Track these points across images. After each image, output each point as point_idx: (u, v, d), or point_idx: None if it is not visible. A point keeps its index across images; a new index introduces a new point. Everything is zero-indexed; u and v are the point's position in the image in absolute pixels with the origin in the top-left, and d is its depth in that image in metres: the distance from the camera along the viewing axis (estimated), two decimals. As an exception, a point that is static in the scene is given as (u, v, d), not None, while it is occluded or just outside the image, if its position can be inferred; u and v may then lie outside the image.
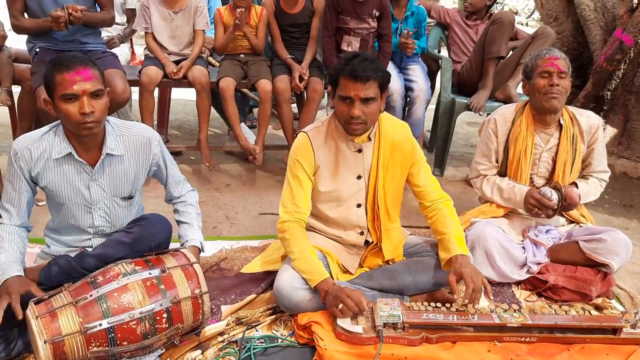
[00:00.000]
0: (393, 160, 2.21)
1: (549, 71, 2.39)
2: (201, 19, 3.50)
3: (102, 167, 2.01)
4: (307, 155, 2.16)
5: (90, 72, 1.85)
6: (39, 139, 1.97)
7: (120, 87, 3.07)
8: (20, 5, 3.06)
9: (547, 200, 2.39)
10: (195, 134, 4.13)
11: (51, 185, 2.00)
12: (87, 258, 1.99)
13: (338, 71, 2.04)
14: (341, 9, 3.37)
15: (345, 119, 2.06)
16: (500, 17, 3.56)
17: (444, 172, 3.85)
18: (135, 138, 2.07)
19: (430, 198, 2.26)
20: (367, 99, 2.02)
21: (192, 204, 2.28)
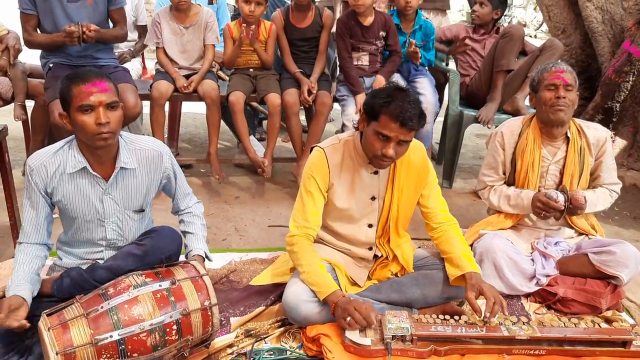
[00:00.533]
0: (408, 182, 2.22)
1: (555, 84, 2.40)
2: (211, 34, 3.55)
3: (115, 180, 2.05)
4: (322, 172, 2.16)
5: (106, 85, 1.91)
6: (53, 155, 2.00)
7: (132, 102, 3.12)
8: (33, 21, 3.13)
9: (553, 202, 2.38)
10: (205, 146, 4.17)
11: (65, 199, 2.03)
12: (98, 270, 2.02)
13: (382, 107, 1.97)
14: (350, 34, 3.44)
15: (375, 154, 2.03)
16: (511, 30, 3.58)
17: (452, 185, 3.86)
18: (147, 152, 2.10)
19: (437, 220, 2.26)
20: (404, 141, 2.01)
21: (197, 214, 2.30)
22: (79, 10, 3.11)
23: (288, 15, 3.57)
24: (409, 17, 3.57)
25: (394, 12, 3.60)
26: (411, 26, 3.59)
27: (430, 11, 4.13)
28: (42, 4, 3.07)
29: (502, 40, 3.57)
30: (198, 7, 3.57)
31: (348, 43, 3.47)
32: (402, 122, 1.94)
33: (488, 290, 2.05)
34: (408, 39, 3.58)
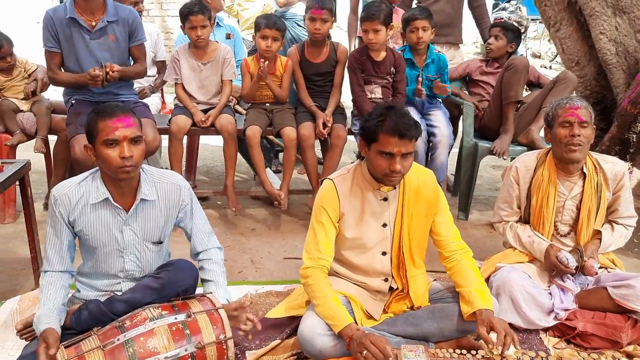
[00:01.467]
0: (418, 208, 2.23)
1: (570, 121, 2.39)
2: (228, 70, 3.63)
3: (135, 212, 2.09)
4: (332, 202, 2.19)
5: (131, 120, 1.98)
6: (77, 185, 2.06)
7: (151, 136, 3.19)
8: (57, 59, 3.23)
9: (563, 267, 2.39)
10: (222, 179, 4.22)
11: (86, 229, 2.07)
12: (116, 303, 2.04)
13: (377, 127, 2.04)
14: (363, 69, 3.51)
15: (384, 173, 2.08)
16: (514, 62, 3.60)
17: (468, 216, 3.84)
18: (166, 185, 2.15)
19: (450, 248, 2.26)
20: (408, 154, 2.05)
21: (217, 262, 2.29)
22: (101, 47, 3.21)
23: (303, 51, 3.64)
24: (421, 51, 3.62)
25: (406, 47, 3.66)
26: (423, 60, 3.63)
27: (443, 45, 4.18)
28: (65, 42, 3.18)
29: (507, 72, 3.59)
30: (215, 43, 3.67)
31: (360, 77, 3.52)
32: (400, 135, 2.00)
33: (498, 323, 2.03)
34: (421, 72, 3.62)
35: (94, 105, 3.24)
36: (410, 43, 3.60)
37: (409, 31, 3.55)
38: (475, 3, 4.39)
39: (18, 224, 3.54)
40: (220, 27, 4.21)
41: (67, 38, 3.16)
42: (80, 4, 3.14)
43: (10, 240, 3.35)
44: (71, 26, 3.14)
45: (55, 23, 3.14)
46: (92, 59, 3.18)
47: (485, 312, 2.07)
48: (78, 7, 3.14)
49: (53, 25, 3.15)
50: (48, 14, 3.18)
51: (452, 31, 4.28)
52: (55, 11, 3.18)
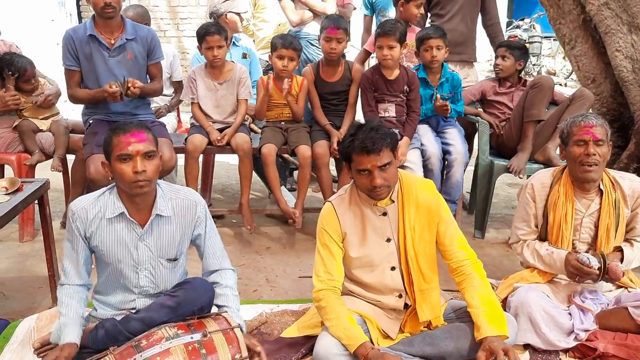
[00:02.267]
0: (419, 219, 2.22)
1: (585, 140, 2.37)
2: (244, 89, 3.67)
3: (150, 227, 2.11)
4: (332, 223, 2.21)
5: (144, 135, 2.01)
6: (95, 200, 2.09)
7: (167, 155, 3.22)
8: (77, 77, 3.30)
9: (586, 268, 2.33)
10: (237, 197, 4.23)
11: (102, 244, 2.10)
12: (132, 322, 2.05)
13: (349, 149, 2.11)
14: (375, 88, 3.53)
15: (368, 189, 2.12)
16: (541, 81, 3.60)
17: (485, 235, 3.81)
18: (182, 201, 2.17)
19: (456, 258, 2.23)
20: (384, 165, 2.07)
21: (229, 285, 2.28)
22: (120, 64, 3.27)
23: (318, 70, 3.67)
24: (435, 70, 3.63)
25: (420, 66, 3.67)
26: (438, 79, 3.64)
27: (457, 63, 4.19)
28: (84, 60, 3.24)
29: (532, 90, 3.59)
30: (232, 63, 3.71)
31: (371, 97, 3.54)
32: (368, 151, 2.04)
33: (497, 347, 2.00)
34: (435, 91, 3.63)
35: (111, 125, 3.30)
36: (424, 62, 3.61)
37: (423, 50, 3.57)
38: (489, 21, 4.39)
39: (36, 242, 3.58)
40: (236, 47, 4.27)
41: (86, 56, 3.23)
42: (99, 22, 3.21)
43: (28, 258, 3.38)
44: (90, 44, 3.20)
45: (75, 42, 3.21)
46: (111, 76, 3.24)
47: (489, 339, 2.04)
48: (98, 26, 3.21)
49: (73, 44, 3.22)
50: (68, 33, 3.25)
51: (466, 49, 4.29)
52: (75, 31, 3.26)
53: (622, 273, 2.35)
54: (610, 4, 3.66)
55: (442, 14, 4.23)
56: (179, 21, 9.38)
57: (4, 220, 2.35)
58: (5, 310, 2.76)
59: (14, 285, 3.04)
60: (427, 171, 3.51)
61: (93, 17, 3.24)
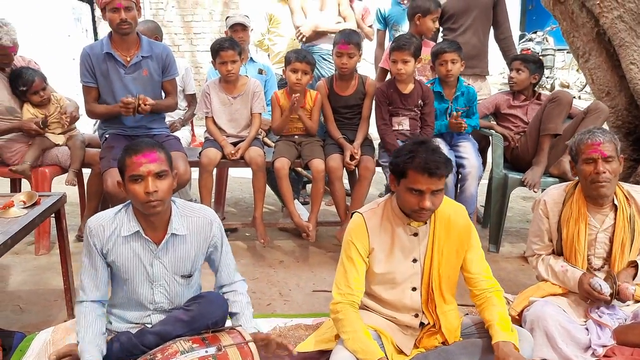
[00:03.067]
0: (449, 244, 2.20)
1: (594, 158, 2.35)
2: (258, 103, 3.70)
3: (166, 246, 2.12)
4: (361, 237, 2.18)
5: (156, 155, 2.01)
6: (112, 217, 2.11)
7: (182, 169, 3.25)
8: (94, 93, 3.35)
9: (597, 294, 2.32)
10: (250, 211, 4.24)
11: (118, 260, 2.11)
12: (147, 335, 2.06)
13: (407, 164, 2.03)
14: (390, 101, 3.54)
15: (413, 209, 2.07)
16: (559, 95, 3.60)
17: (499, 249, 3.78)
18: (197, 219, 2.18)
19: (481, 287, 2.22)
20: (437, 190, 2.04)
21: (242, 293, 2.32)
22: (135, 81, 3.32)
23: (332, 84, 3.69)
24: (451, 84, 3.63)
25: (436, 80, 3.67)
26: (453, 93, 3.64)
27: (470, 77, 4.19)
28: (101, 76, 3.29)
29: (550, 104, 3.58)
30: (245, 78, 3.74)
31: (385, 111, 3.55)
32: (430, 173, 1.98)
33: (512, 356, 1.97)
34: (450, 105, 3.63)
35: (127, 139, 3.36)
36: (439, 76, 3.62)
37: (438, 64, 3.58)
38: (502, 35, 4.40)
39: (51, 255, 3.61)
40: (253, 63, 4.31)
41: (103, 73, 3.28)
42: (116, 39, 3.26)
43: (44, 271, 3.41)
44: (107, 61, 3.25)
45: (92, 59, 3.27)
46: (127, 92, 3.28)
47: (501, 345, 2.02)
48: (114, 43, 3.27)
49: (90, 61, 3.27)
50: (85, 50, 3.30)
51: (478, 63, 4.29)
52: (92, 48, 3.31)
53: (632, 294, 2.34)
54: (624, 17, 3.65)
55: (455, 27, 4.25)
56: (193, 36, 9.49)
57: (22, 234, 2.38)
58: (21, 324, 2.78)
59: (30, 298, 3.07)
60: (440, 185, 3.50)
61: (110, 34, 3.29)
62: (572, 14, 3.94)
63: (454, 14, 4.24)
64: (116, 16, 3.14)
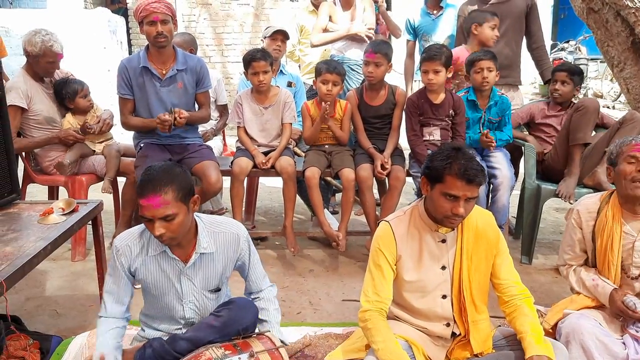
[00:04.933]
0: (477, 250, 2.19)
1: (636, 156, 2.32)
2: (289, 113, 3.73)
3: (194, 265, 2.15)
4: (389, 244, 2.18)
5: (160, 199, 1.93)
6: (138, 236, 2.13)
7: (214, 178, 3.30)
8: (130, 105, 3.44)
9: (631, 312, 2.27)
10: (280, 220, 4.27)
11: (147, 279, 2.15)
12: (179, 341, 2.09)
13: (445, 169, 2.02)
14: (421, 112, 3.54)
15: (446, 215, 2.06)
16: (585, 103, 3.54)
17: (532, 261, 3.72)
18: (225, 235, 2.19)
19: (510, 293, 2.19)
20: (472, 198, 2.04)
21: (270, 299, 2.34)
22: (170, 93, 3.39)
23: (362, 94, 3.71)
24: (485, 93, 3.61)
25: (470, 88, 3.66)
26: (487, 102, 3.62)
27: (502, 86, 4.15)
28: (137, 89, 3.38)
29: (576, 113, 3.52)
30: (277, 88, 3.79)
31: (416, 121, 3.55)
32: (468, 180, 1.98)
33: None
34: (484, 115, 3.61)
35: (161, 148, 3.43)
36: (475, 84, 3.60)
37: (473, 72, 3.56)
38: (535, 45, 4.36)
39: (87, 261, 3.69)
40: (283, 75, 4.35)
41: (139, 85, 3.36)
42: (153, 53, 3.34)
43: (80, 277, 3.49)
44: (144, 75, 3.33)
45: (129, 72, 3.35)
46: (162, 105, 3.36)
47: (537, 359, 1.98)
48: (150, 56, 3.35)
49: (127, 73, 3.35)
50: (123, 63, 3.39)
51: (511, 72, 4.26)
52: (129, 61, 3.40)
53: None
54: (661, 26, 3.59)
55: (487, 37, 4.22)
56: (224, 47, 9.64)
57: (61, 240, 2.44)
58: (58, 328, 2.85)
59: (67, 303, 3.14)
60: (472, 195, 3.48)
61: (147, 47, 3.37)
62: (606, 23, 3.88)
63: (487, 25, 4.22)
64: (153, 29, 3.21)
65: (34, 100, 3.63)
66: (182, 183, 2.01)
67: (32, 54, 3.58)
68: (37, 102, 3.65)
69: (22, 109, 3.58)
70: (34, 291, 3.29)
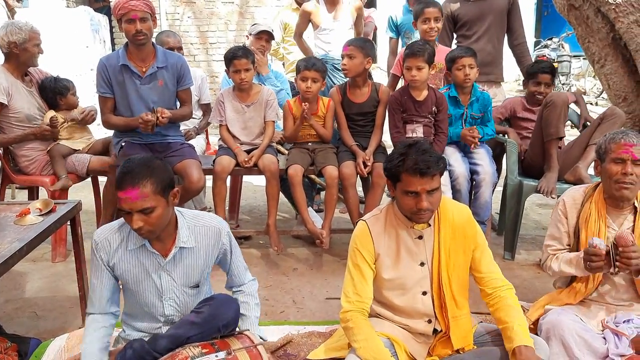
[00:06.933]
0: (455, 245, 2.19)
1: (623, 158, 2.30)
2: (271, 111, 3.72)
3: (173, 259, 2.12)
4: (366, 243, 2.18)
5: (138, 192, 1.92)
6: (117, 230, 2.11)
7: (196, 176, 3.27)
8: (110, 103, 3.40)
9: (592, 249, 2.20)
10: (264, 218, 4.25)
11: (126, 274, 2.12)
12: (159, 340, 2.07)
13: (399, 167, 2.04)
14: (404, 109, 3.53)
15: (412, 211, 2.08)
16: (553, 98, 3.53)
17: (515, 256, 3.74)
18: (205, 229, 2.17)
19: (492, 285, 2.20)
20: (433, 190, 2.04)
21: (251, 293, 2.34)
22: (151, 91, 3.36)
23: (345, 91, 3.70)
24: (467, 89, 3.62)
25: (452, 85, 3.66)
26: (468, 98, 3.63)
27: (485, 83, 4.17)
28: (117, 87, 3.34)
29: (546, 109, 3.52)
30: (259, 86, 3.77)
31: (399, 118, 3.55)
32: (421, 173, 1.99)
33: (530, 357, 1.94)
34: (466, 111, 3.62)
35: (143, 147, 3.39)
36: (457, 81, 3.60)
37: (455, 69, 3.56)
38: (516, 41, 4.37)
39: (68, 262, 3.65)
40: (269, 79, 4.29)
41: (119, 84, 3.32)
42: (132, 51, 3.30)
43: (60, 278, 3.45)
44: (123, 73, 3.30)
45: (108, 70, 3.31)
46: (142, 103, 3.32)
47: (523, 350, 1.99)
48: (130, 54, 3.31)
49: (106, 72, 3.32)
50: (102, 61, 3.35)
51: (493, 69, 4.28)
52: (108, 59, 3.36)
53: (632, 238, 2.20)
54: (640, 22, 3.63)
55: (469, 34, 4.24)
56: (209, 46, 9.59)
57: (38, 241, 2.41)
58: (37, 330, 2.82)
59: (47, 305, 3.10)
60: (455, 192, 3.49)
61: (126, 45, 3.34)
62: (587, 19, 3.92)
63: (468, 21, 4.23)
64: (132, 27, 3.18)
65: (14, 98, 3.58)
66: (161, 176, 1.99)
67: (17, 42, 3.52)
68: (17, 100, 3.60)
69: (2, 105, 3.53)
70: (13, 293, 3.25)
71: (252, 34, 4.30)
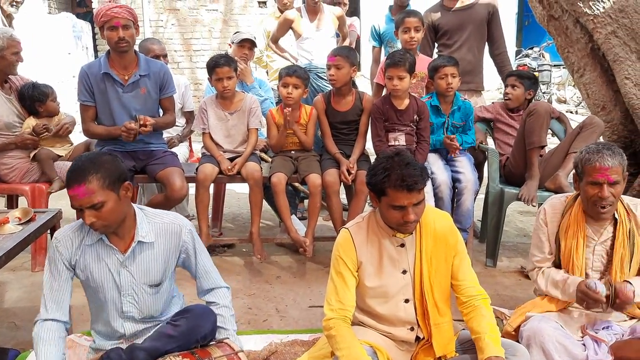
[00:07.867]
0: (437, 253, 2.21)
1: (599, 182, 2.31)
2: (254, 119, 3.72)
3: (132, 254, 2.11)
4: (349, 251, 2.18)
5: (84, 189, 1.92)
6: (78, 228, 2.10)
7: (178, 184, 3.26)
8: (91, 112, 3.37)
9: (592, 293, 2.27)
10: (247, 226, 4.24)
11: (86, 270, 2.10)
12: (136, 352, 2.05)
13: (384, 182, 2.03)
14: (386, 117, 3.56)
15: (399, 223, 2.08)
16: (536, 107, 3.59)
17: (496, 263, 3.77)
18: (166, 225, 2.16)
19: (468, 294, 2.21)
20: (419, 202, 2.06)
21: (225, 305, 2.28)
22: (133, 99, 3.34)
23: (329, 99, 3.71)
24: (449, 98, 3.65)
25: (434, 94, 3.69)
26: (450, 107, 3.66)
27: (465, 92, 4.21)
28: (99, 95, 3.32)
29: (529, 118, 3.57)
30: (242, 94, 3.77)
31: (381, 127, 3.57)
32: (408, 189, 1.99)
33: None
34: (447, 119, 3.65)
35: (125, 155, 3.37)
36: (439, 90, 3.63)
37: (437, 78, 3.59)
38: (497, 51, 4.43)
39: (48, 271, 3.59)
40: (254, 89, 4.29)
41: (101, 92, 3.30)
42: (114, 59, 3.29)
43: (40, 288, 3.35)
44: (105, 81, 3.28)
45: (90, 78, 3.29)
46: (125, 111, 3.31)
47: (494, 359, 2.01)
48: (112, 62, 3.29)
49: (88, 80, 3.29)
50: (83, 69, 3.33)
51: (473, 78, 4.33)
52: (90, 67, 3.34)
53: (632, 295, 2.27)
54: (617, 32, 3.69)
55: (450, 43, 4.29)
56: (192, 53, 9.56)
57: (17, 250, 2.38)
58: (16, 341, 2.77)
59: (26, 315, 3.05)
60: (437, 199, 3.51)
61: (108, 53, 3.32)
62: (566, 30, 3.97)
63: (448, 30, 4.28)
64: (114, 34, 3.17)
65: (-7, 106, 3.54)
66: (109, 170, 1.97)
67: None
68: (-4, 108, 3.56)
69: None
70: (-9, 303, 3.20)
71: (234, 42, 4.30)
